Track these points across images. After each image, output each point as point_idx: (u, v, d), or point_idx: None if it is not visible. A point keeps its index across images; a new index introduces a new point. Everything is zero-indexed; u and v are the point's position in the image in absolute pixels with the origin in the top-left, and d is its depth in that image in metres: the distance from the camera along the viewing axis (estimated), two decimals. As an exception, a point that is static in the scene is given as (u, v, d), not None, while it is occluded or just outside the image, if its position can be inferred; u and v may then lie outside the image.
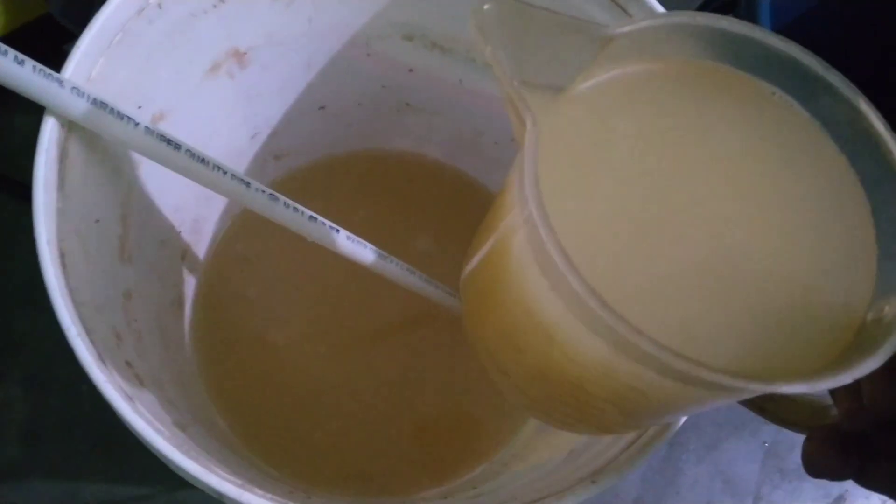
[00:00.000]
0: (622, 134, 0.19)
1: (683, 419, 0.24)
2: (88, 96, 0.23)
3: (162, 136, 0.24)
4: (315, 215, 0.28)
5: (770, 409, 0.23)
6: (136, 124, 0.23)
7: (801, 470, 0.40)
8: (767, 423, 0.41)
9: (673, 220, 0.18)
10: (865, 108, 0.19)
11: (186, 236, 0.34)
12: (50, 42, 0.39)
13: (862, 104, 0.19)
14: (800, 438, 0.41)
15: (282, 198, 0.27)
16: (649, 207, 0.18)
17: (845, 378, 0.16)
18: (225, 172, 0.26)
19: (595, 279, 0.16)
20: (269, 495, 0.21)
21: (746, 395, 0.19)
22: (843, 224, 0.19)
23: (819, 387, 0.16)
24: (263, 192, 0.27)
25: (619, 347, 0.17)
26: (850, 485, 0.41)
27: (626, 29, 0.19)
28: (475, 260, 0.22)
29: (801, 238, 0.19)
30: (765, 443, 0.41)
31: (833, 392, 0.22)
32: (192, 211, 0.34)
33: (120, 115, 0.23)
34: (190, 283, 0.35)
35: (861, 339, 0.18)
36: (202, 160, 0.25)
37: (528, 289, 0.18)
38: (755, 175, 0.19)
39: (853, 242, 0.19)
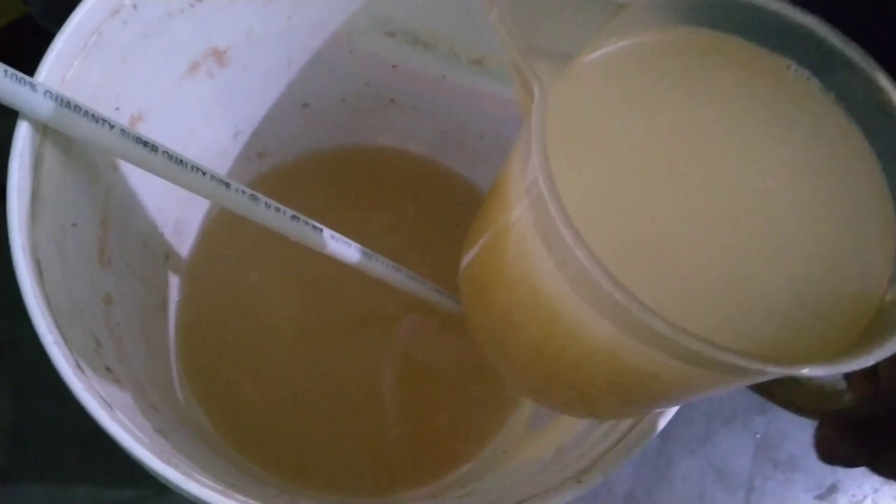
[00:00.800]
0: (632, 107, 0.18)
1: (671, 414, 0.24)
2: (62, 100, 0.23)
3: (138, 138, 0.24)
4: (297, 215, 0.28)
5: (780, 393, 0.22)
6: (112, 127, 0.23)
7: (793, 461, 0.41)
8: (759, 415, 0.41)
9: (685, 197, 0.17)
10: (885, 84, 0.18)
11: (169, 237, 0.34)
12: (31, 43, 0.39)
13: (881, 79, 0.18)
14: (791, 428, 0.41)
15: (262, 198, 0.27)
16: (660, 183, 0.18)
17: (866, 360, 0.15)
18: (204, 174, 0.25)
19: (604, 256, 0.15)
20: (251, 501, 0.20)
21: (761, 379, 0.18)
22: (859, 202, 0.18)
23: (839, 369, 0.16)
24: (244, 192, 0.26)
25: (629, 328, 0.16)
26: (842, 474, 0.41)
27: None
28: (477, 244, 0.22)
29: (816, 216, 0.18)
30: (756, 434, 0.41)
31: (848, 376, 0.21)
32: (174, 211, 0.34)
33: (95, 118, 0.23)
34: (174, 285, 0.35)
35: (881, 321, 0.17)
36: (180, 162, 0.25)
37: (533, 268, 0.18)
38: (769, 151, 0.18)
39: (870, 221, 0.18)
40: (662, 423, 0.24)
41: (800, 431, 0.41)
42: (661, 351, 0.16)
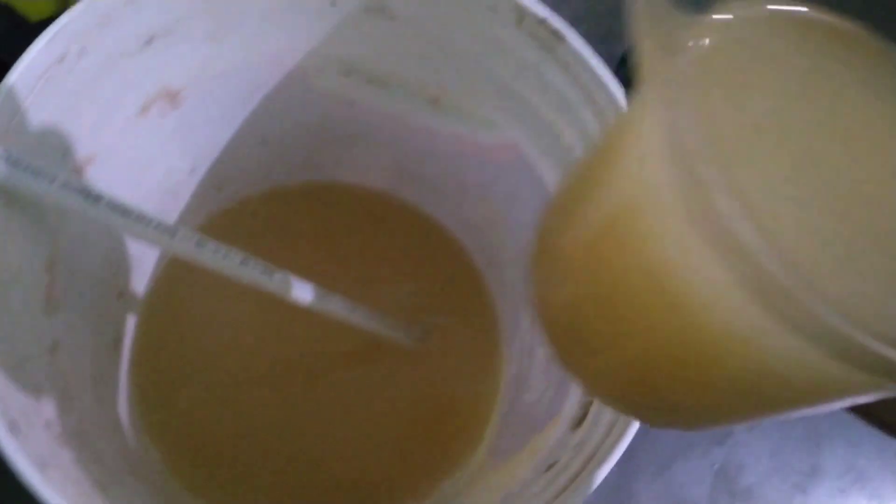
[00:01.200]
0: (775, 81, 0.17)
1: (613, 461, 0.24)
2: (1, 154, 0.23)
3: (80, 190, 0.24)
4: (247, 259, 0.28)
5: (878, 412, 0.21)
6: (52, 180, 0.23)
7: (750, 491, 0.41)
8: (717, 445, 0.42)
9: (844, 183, 0.16)
10: None
11: (123, 275, 0.34)
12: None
13: None
14: (749, 459, 0.42)
15: (210, 243, 0.27)
16: (819, 162, 0.16)
17: None
18: (148, 223, 0.25)
19: (778, 246, 0.14)
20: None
21: None
22: None
23: None
24: (190, 239, 0.26)
25: (801, 329, 0.14)
26: (799, 502, 0.42)
27: None
28: (566, 223, 0.20)
29: None
30: (714, 465, 0.41)
31: None
32: (127, 248, 0.33)
33: (35, 173, 0.23)
34: (128, 323, 0.35)
35: None
36: (124, 212, 0.25)
37: (668, 257, 0.16)
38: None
39: None
40: (603, 473, 0.24)
41: (757, 463, 0.42)
42: (822, 350, 0.14)
